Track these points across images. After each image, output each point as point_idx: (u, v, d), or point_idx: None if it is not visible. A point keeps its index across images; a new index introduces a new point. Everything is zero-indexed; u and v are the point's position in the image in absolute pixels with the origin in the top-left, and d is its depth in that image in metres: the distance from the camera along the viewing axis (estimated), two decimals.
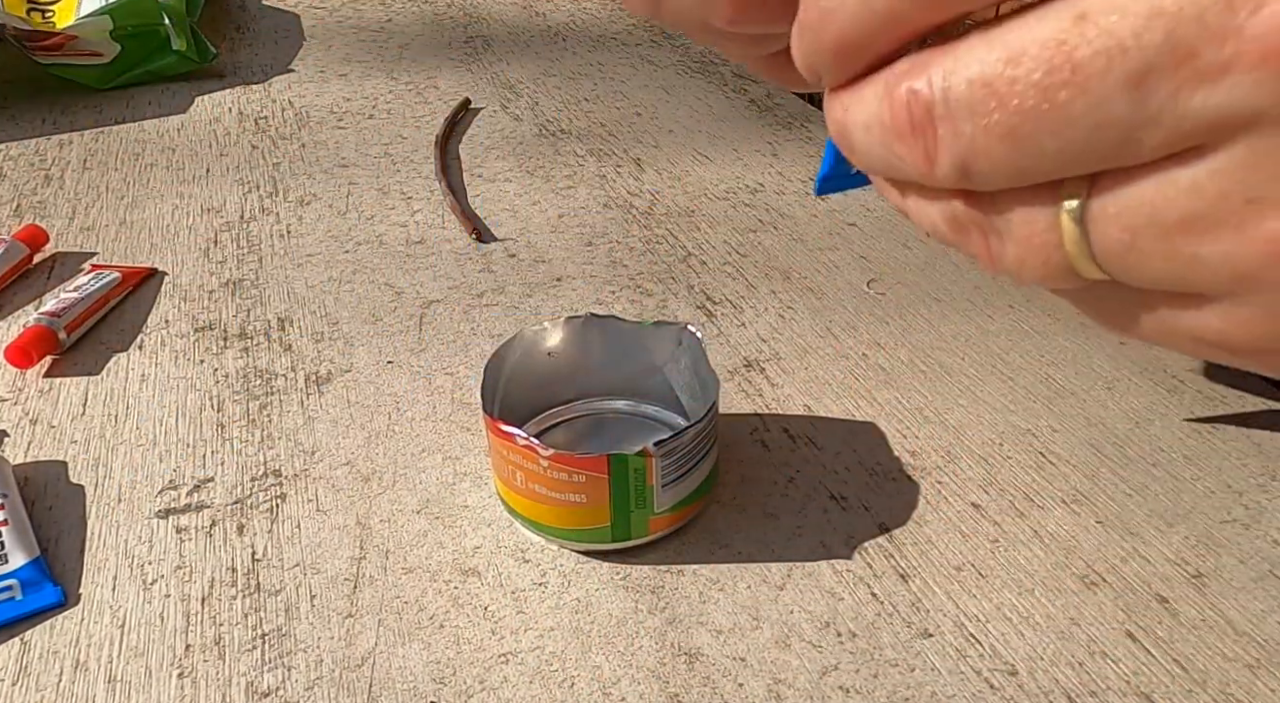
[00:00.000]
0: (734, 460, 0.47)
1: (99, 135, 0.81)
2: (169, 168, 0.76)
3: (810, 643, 0.38)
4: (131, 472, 0.47)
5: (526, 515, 0.42)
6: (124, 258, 0.64)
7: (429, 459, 0.47)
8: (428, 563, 0.42)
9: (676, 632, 0.39)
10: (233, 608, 0.40)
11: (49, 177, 0.75)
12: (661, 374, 0.47)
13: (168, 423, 0.50)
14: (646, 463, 0.39)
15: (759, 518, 0.44)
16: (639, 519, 0.41)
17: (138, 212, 0.70)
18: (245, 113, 0.85)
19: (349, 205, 0.70)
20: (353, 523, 0.44)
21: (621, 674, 0.37)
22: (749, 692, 0.37)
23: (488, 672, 0.37)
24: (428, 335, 0.56)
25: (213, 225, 0.68)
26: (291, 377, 0.53)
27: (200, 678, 0.37)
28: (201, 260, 0.64)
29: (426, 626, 0.39)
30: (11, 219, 0.69)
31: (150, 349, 0.56)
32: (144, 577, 0.42)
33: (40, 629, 0.39)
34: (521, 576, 0.41)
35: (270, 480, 0.46)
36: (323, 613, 0.40)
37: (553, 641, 0.39)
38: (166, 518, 0.44)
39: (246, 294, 0.60)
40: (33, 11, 0.89)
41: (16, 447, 0.49)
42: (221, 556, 0.43)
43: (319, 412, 0.51)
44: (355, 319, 0.58)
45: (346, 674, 0.37)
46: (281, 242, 0.66)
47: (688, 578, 0.41)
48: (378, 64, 0.95)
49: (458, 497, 0.45)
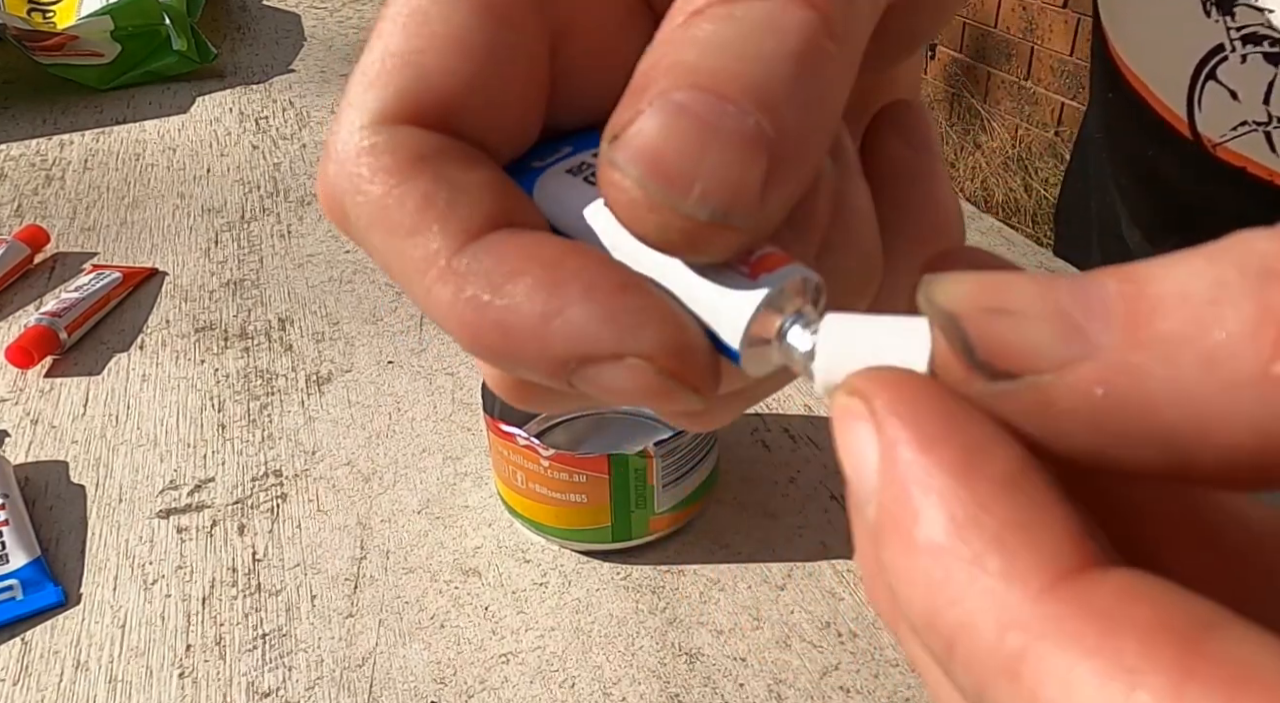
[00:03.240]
0: (734, 460, 0.47)
1: (99, 135, 0.81)
2: (169, 168, 0.76)
3: (811, 643, 0.38)
4: (132, 472, 0.47)
5: (527, 516, 0.42)
6: (124, 258, 0.64)
7: (429, 459, 0.47)
8: (428, 563, 0.42)
9: (677, 632, 0.39)
10: (233, 608, 0.40)
11: (50, 177, 0.75)
12: None
13: (168, 423, 0.50)
14: (647, 463, 0.39)
15: (759, 518, 0.44)
16: (639, 519, 0.41)
17: (138, 212, 0.70)
18: (245, 113, 0.85)
19: None
20: (353, 523, 0.44)
21: (622, 674, 0.37)
22: (749, 692, 0.37)
23: (488, 672, 0.37)
24: (428, 335, 0.56)
25: (213, 225, 0.68)
26: (292, 377, 0.53)
27: (201, 678, 0.37)
28: (202, 260, 0.64)
29: (427, 626, 0.39)
30: (12, 219, 0.69)
31: (151, 349, 0.56)
32: (145, 577, 0.42)
33: (41, 629, 0.40)
34: (522, 576, 0.41)
35: (271, 481, 0.46)
36: (323, 613, 0.40)
37: (553, 641, 0.39)
38: (167, 518, 0.45)
39: (247, 294, 0.60)
40: (33, 12, 0.89)
41: (17, 447, 0.49)
42: (222, 556, 0.43)
43: (320, 412, 0.51)
44: (356, 319, 0.58)
45: (347, 674, 0.37)
46: (282, 242, 0.66)
47: (688, 578, 0.41)
48: None
49: (458, 497, 0.45)
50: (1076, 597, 0.10)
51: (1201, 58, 0.45)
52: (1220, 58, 0.45)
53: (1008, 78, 2.53)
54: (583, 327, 0.14)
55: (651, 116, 0.13)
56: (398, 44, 0.15)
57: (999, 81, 2.56)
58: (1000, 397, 0.12)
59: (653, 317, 0.14)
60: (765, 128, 0.13)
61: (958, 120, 2.68)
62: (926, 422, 0.11)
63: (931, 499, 0.11)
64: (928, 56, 2.78)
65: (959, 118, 2.68)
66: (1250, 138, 0.45)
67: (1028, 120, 2.49)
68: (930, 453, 0.11)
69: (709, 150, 0.13)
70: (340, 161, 0.15)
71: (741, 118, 0.13)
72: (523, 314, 0.14)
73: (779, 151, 0.13)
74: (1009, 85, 2.53)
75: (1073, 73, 2.33)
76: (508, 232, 0.15)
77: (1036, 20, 2.39)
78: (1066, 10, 2.30)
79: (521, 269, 0.14)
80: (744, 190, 0.13)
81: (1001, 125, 2.56)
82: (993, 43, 2.55)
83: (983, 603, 0.10)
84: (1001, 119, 2.56)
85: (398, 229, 0.15)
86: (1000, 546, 0.10)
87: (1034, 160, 2.41)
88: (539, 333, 0.14)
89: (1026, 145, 2.47)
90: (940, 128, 2.69)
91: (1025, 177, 2.38)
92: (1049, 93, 2.41)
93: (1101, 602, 0.10)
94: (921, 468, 0.11)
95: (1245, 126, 0.45)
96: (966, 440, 0.11)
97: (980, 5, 2.55)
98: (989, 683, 0.10)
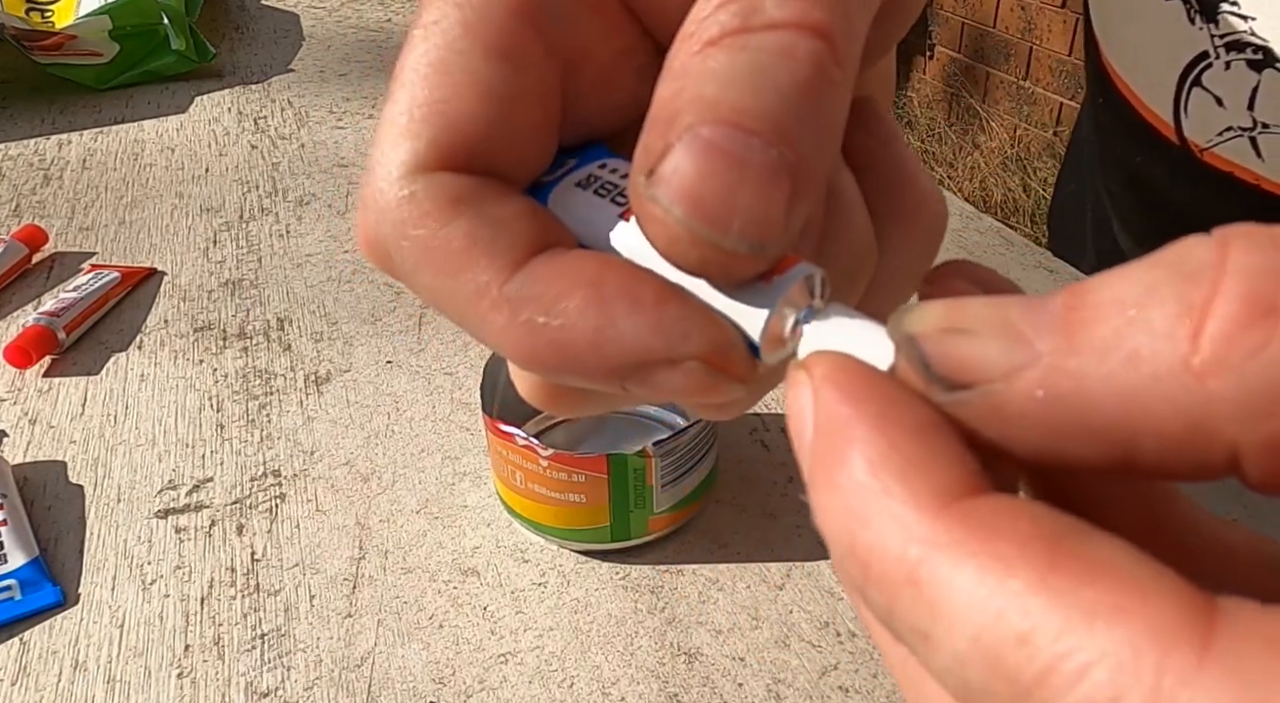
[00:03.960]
0: (734, 460, 0.47)
1: (98, 135, 0.81)
2: (168, 167, 0.76)
3: (809, 643, 0.38)
4: (131, 472, 0.47)
5: (526, 515, 0.42)
6: (123, 258, 0.64)
7: (428, 459, 0.47)
8: (427, 563, 0.42)
9: (676, 632, 0.39)
10: (232, 608, 0.40)
11: (48, 176, 0.75)
12: None
13: (167, 423, 0.50)
14: (646, 463, 0.39)
15: (758, 518, 0.44)
16: (638, 519, 0.41)
17: (137, 211, 0.70)
18: (244, 112, 0.85)
19: (348, 205, 0.70)
20: (352, 523, 0.44)
21: (621, 674, 0.37)
22: (749, 692, 0.37)
23: (487, 672, 0.37)
24: (427, 335, 0.56)
25: (212, 225, 0.68)
26: (291, 377, 0.53)
27: (199, 678, 0.37)
28: (201, 260, 0.64)
29: (426, 626, 0.39)
30: (10, 219, 0.69)
31: (149, 349, 0.56)
32: (143, 577, 0.42)
33: (39, 629, 0.39)
34: (521, 576, 0.41)
35: (269, 481, 0.46)
36: (322, 613, 0.40)
37: (552, 641, 0.39)
38: (166, 518, 0.44)
39: (246, 294, 0.60)
40: (32, 11, 0.89)
41: (15, 447, 0.49)
42: (221, 556, 0.43)
43: (318, 412, 0.50)
44: (354, 319, 0.58)
45: (346, 674, 0.37)
46: (281, 241, 0.66)
47: (687, 578, 0.41)
48: (377, 64, 0.95)
49: (457, 497, 0.45)
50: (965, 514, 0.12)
51: (1187, 64, 0.46)
52: (1205, 64, 0.45)
53: (1006, 78, 2.53)
54: (635, 338, 0.15)
55: (685, 154, 0.14)
56: (424, 95, 0.16)
57: (998, 81, 2.56)
58: (957, 406, 0.13)
59: (695, 323, 0.15)
60: (787, 157, 0.14)
61: (956, 120, 2.68)
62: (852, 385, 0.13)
63: (852, 445, 0.13)
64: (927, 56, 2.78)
65: (958, 118, 2.68)
66: (1236, 143, 0.46)
67: (1026, 120, 2.49)
68: (853, 406, 0.13)
69: (743, 188, 0.14)
70: (381, 211, 0.16)
71: (766, 151, 0.14)
72: (578, 332, 0.15)
73: (799, 177, 0.14)
74: (1008, 85, 2.53)
75: (1071, 73, 2.33)
76: (547, 255, 0.16)
77: (1035, 20, 2.40)
78: (1065, 10, 2.30)
79: (569, 290, 0.15)
80: (774, 221, 0.14)
81: (1000, 125, 2.56)
82: (991, 43, 2.55)
83: (889, 525, 0.12)
84: (1000, 119, 2.57)
85: (446, 268, 0.16)
86: (905, 478, 0.12)
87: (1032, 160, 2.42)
88: (595, 348, 0.15)
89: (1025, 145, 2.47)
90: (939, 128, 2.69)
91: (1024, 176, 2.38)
92: (1047, 93, 2.42)
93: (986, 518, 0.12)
94: (844, 420, 0.13)
95: (1231, 132, 0.46)
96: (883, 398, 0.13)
97: (979, 5, 2.55)
98: (895, 596, 0.12)
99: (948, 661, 0.12)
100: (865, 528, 0.12)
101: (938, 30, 2.72)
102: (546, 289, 0.15)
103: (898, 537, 0.12)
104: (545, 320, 0.15)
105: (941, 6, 2.67)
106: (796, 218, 0.15)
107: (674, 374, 0.15)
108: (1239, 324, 0.11)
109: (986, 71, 2.58)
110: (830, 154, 0.15)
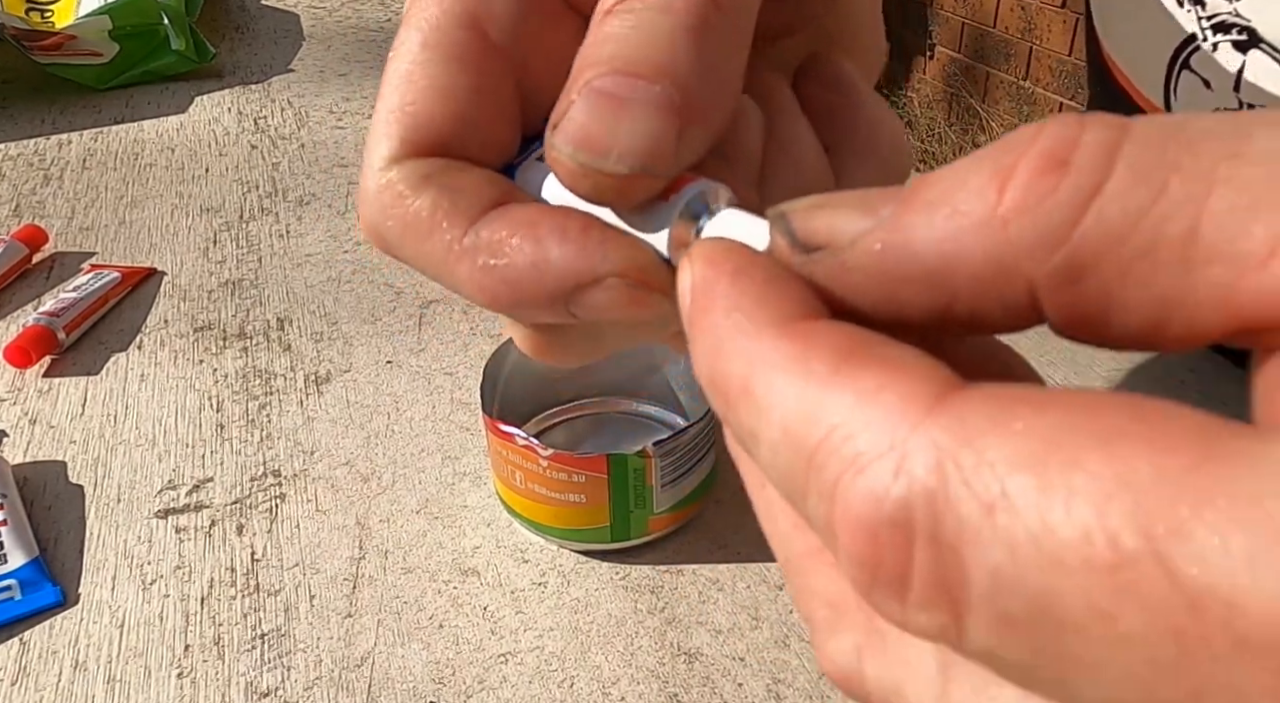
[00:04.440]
0: (733, 460, 0.47)
1: (98, 135, 0.81)
2: (168, 167, 0.76)
3: (809, 643, 0.38)
4: (130, 472, 0.47)
5: (526, 515, 0.42)
6: (123, 258, 0.64)
7: (428, 459, 0.47)
8: (427, 563, 0.42)
9: (676, 632, 0.39)
10: (232, 608, 0.40)
11: (48, 176, 0.75)
12: (661, 373, 0.47)
13: (167, 423, 0.50)
14: (646, 463, 0.39)
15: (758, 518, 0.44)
16: (638, 519, 0.41)
17: (137, 211, 0.70)
18: (244, 112, 0.85)
19: (348, 205, 0.70)
20: (352, 523, 0.44)
21: (621, 674, 0.37)
22: (748, 692, 0.37)
23: (487, 672, 0.37)
24: (427, 335, 0.56)
25: (212, 225, 0.68)
26: (291, 377, 0.53)
27: (199, 678, 0.37)
28: (200, 260, 0.64)
29: (426, 626, 0.39)
30: (10, 219, 0.69)
31: (149, 349, 0.56)
32: (143, 577, 0.42)
33: (39, 629, 0.39)
34: (521, 576, 0.41)
35: (269, 481, 0.46)
36: (322, 613, 0.40)
37: (552, 640, 0.39)
38: (166, 518, 0.44)
39: (245, 294, 0.60)
40: (32, 11, 0.89)
41: (15, 447, 0.49)
42: (221, 556, 0.43)
43: (318, 412, 0.50)
44: (354, 319, 0.58)
45: (346, 674, 0.37)
46: (281, 241, 0.66)
47: (687, 578, 0.41)
48: (377, 64, 0.95)
49: (457, 497, 0.45)
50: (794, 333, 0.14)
51: (1176, 47, 0.46)
52: (1193, 47, 0.46)
53: (1006, 78, 2.53)
54: (564, 264, 0.17)
55: (580, 104, 0.17)
56: (395, 101, 0.19)
57: (998, 82, 2.56)
58: (811, 264, 0.15)
59: (613, 245, 0.17)
60: (669, 91, 0.17)
61: (956, 120, 2.68)
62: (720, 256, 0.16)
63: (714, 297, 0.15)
64: (927, 57, 2.78)
65: (957, 118, 2.68)
66: None
67: (1026, 120, 2.49)
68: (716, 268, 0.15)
69: (622, 120, 0.16)
70: (369, 199, 0.19)
71: (649, 89, 0.16)
72: (519, 266, 0.17)
73: (687, 106, 0.17)
74: (1007, 85, 2.53)
75: (1071, 73, 2.33)
76: (498, 210, 0.18)
77: (1035, 20, 2.40)
78: (1065, 10, 2.30)
79: (510, 233, 0.18)
80: (659, 145, 0.16)
81: (1000, 125, 2.56)
82: (991, 43, 2.55)
83: (735, 348, 0.14)
84: (1000, 119, 2.57)
85: (419, 234, 0.18)
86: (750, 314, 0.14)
87: None
88: (535, 277, 0.17)
89: None
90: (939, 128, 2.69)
91: None
92: (1047, 93, 2.41)
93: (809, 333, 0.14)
94: (710, 279, 0.15)
95: None
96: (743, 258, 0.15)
97: (979, 5, 2.55)
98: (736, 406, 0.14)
99: (768, 454, 0.14)
100: (720, 357, 0.14)
101: (938, 30, 2.72)
102: (493, 235, 0.18)
103: (741, 358, 0.14)
104: (495, 262, 0.17)
105: (941, 6, 2.67)
106: (690, 142, 0.17)
107: (600, 292, 0.17)
108: (1035, 174, 0.13)
109: (986, 72, 2.58)
110: (725, 87, 0.18)
